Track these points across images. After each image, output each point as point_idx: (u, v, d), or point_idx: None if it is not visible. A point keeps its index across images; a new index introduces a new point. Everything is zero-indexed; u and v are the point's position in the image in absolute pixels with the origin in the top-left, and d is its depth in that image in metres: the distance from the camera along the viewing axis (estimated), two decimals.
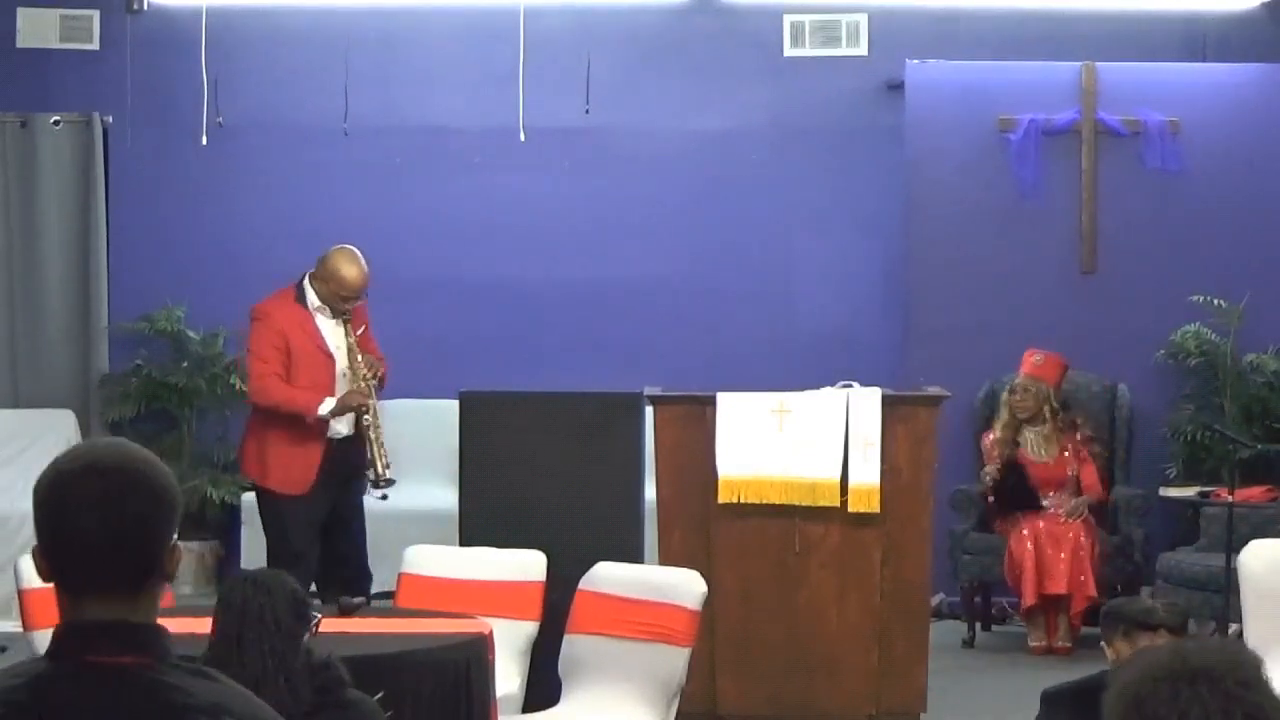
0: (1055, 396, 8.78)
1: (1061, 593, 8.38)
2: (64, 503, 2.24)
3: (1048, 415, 8.74)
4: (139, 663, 2.21)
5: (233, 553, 9.49)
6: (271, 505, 7.30)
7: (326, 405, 7.12)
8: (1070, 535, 8.47)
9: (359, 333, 7.30)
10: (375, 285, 9.81)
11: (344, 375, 7.24)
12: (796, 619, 6.84)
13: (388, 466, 7.16)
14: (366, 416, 7.16)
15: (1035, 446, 8.75)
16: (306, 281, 7.32)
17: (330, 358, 7.25)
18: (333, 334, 7.29)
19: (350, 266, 7.26)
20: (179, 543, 2.31)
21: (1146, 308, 9.37)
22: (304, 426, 7.15)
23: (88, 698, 2.19)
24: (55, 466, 2.28)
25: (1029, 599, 8.41)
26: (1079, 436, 8.81)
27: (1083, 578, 8.38)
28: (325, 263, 7.28)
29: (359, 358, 7.23)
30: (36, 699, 2.19)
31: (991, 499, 8.70)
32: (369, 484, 7.20)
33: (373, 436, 7.15)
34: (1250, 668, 2.16)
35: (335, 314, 7.27)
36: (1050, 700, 4.28)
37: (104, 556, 2.23)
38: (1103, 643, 4.75)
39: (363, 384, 7.18)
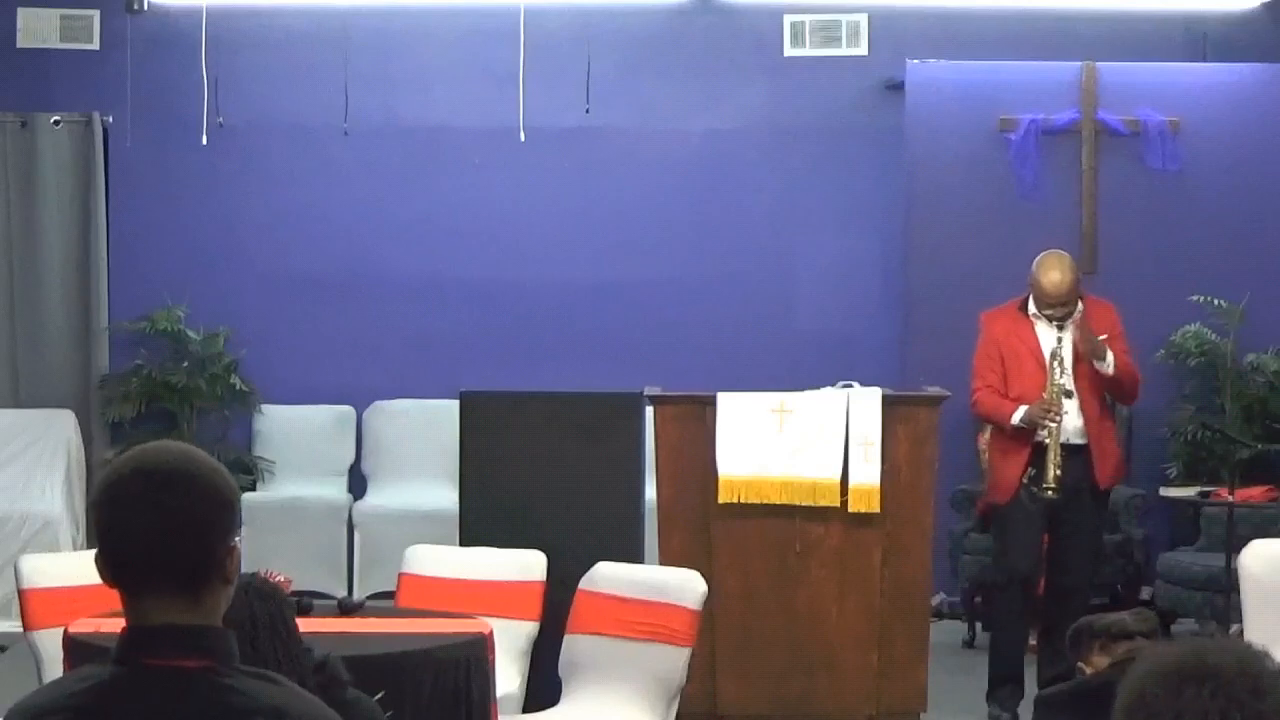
0: None
1: None
2: (115, 504, 2.24)
3: None
4: (201, 666, 2.21)
5: None
6: (994, 512, 7.50)
7: (1018, 414, 7.11)
8: None
9: (1101, 338, 7.14)
10: (374, 285, 9.93)
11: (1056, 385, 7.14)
12: (796, 619, 6.84)
13: (1056, 480, 7.02)
14: (1049, 425, 7.06)
15: None
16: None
17: (1041, 365, 7.16)
18: (1048, 339, 7.19)
19: (1048, 272, 7.14)
20: (238, 544, 2.29)
21: (1146, 308, 9.36)
22: (1014, 435, 7.16)
23: (150, 701, 2.19)
24: (110, 468, 2.28)
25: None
26: None
27: None
28: (1032, 268, 7.21)
29: (1059, 367, 7.10)
30: (101, 703, 2.20)
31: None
32: (1039, 488, 7.08)
33: (1049, 444, 7.06)
34: (1265, 675, 2.07)
35: (1051, 320, 7.17)
36: (1045, 704, 4.26)
37: (157, 558, 2.22)
38: (1079, 664, 4.69)
39: (1051, 393, 7.07)
